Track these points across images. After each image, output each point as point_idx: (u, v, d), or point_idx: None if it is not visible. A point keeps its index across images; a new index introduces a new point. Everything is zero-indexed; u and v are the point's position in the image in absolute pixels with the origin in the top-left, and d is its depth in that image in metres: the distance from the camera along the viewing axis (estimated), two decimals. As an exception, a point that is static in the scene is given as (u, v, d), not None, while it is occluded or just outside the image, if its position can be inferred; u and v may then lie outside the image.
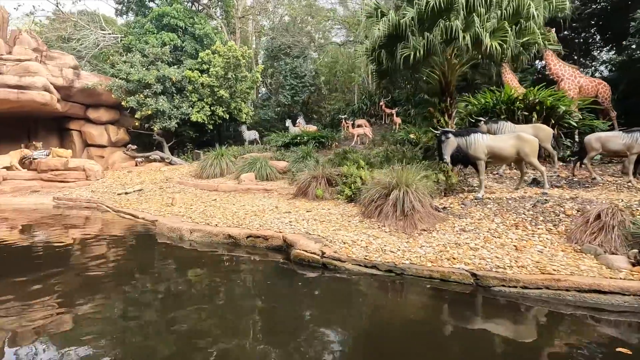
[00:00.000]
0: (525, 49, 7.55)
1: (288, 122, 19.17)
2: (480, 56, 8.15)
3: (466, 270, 3.66)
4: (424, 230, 5.05)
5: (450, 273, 3.67)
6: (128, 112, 16.80)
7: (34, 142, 14.94)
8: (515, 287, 3.38)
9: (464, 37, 6.62)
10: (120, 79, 15.14)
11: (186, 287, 4.09)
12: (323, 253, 4.31)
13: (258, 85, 18.72)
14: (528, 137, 6.40)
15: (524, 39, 7.38)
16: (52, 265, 4.85)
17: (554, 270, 3.53)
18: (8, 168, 13.09)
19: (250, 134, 19.08)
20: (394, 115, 16.41)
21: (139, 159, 16.17)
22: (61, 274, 4.49)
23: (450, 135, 6.52)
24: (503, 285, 3.43)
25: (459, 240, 4.58)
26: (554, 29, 10.17)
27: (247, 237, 5.22)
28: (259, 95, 24.48)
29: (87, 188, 12.59)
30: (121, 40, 17.20)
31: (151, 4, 20.77)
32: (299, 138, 15.93)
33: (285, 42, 22.38)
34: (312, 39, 24.28)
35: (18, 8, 25.09)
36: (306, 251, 4.39)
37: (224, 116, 16.98)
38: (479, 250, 4.18)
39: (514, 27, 6.80)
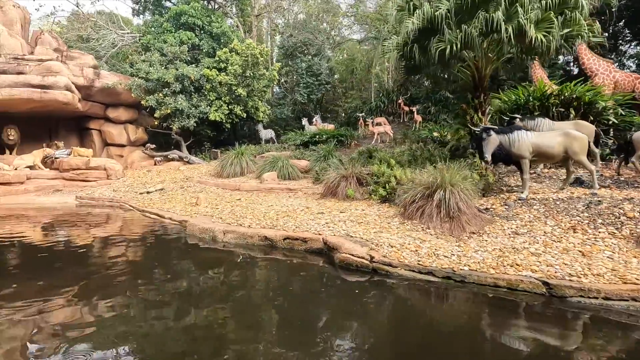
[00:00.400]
0: (567, 42, 7.14)
1: (304, 121, 18.98)
2: (519, 49, 7.78)
3: (536, 279, 3.37)
4: (473, 233, 4.75)
5: (518, 281, 3.38)
6: (147, 112, 16.82)
7: (55, 142, 15.05)
8: (597, 298, 3.08)
9: (506, 29, 6.27)
10: (139, 77, 15.11)
11: (227, 291, 3.89)
12: (372, 257, 4.06)
13: (275, 83, 18.52)
14: (577, 134, 6.03)
15: (566, 31, 6.97)
16: (85, 266, 4.71)
17: (637, 279, 3.21)
18: (31, 167, 13.17)
19: (266, 133, 18.95)
20: (415, 113, 16.04)
21: (158, 158, 16.15)
22: (95, 274, 4.34)
23: (492, 132, 6.19)
24: (581, 296, 3.13)
25: (515, 244, 4.27)
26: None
27: (284, 239, 5.00)
28: (274, 94, 24.32)
29: (109, 187, 12.58)
30: (140, 40, 17.19)
31: (168, 4, 20.80)
32: (317, 137, 15.70)
33: (302, 39, 22.16)
34: (328, 37, 24.01)
35: (39, 9, 25.30)
36: (353, 255, 4.14)
37: (242, 115, 16.84)
38: (541, 256, 3.87)
39: (558, 17, 6.42)
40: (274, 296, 3.70)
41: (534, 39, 6.20)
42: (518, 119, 8.15)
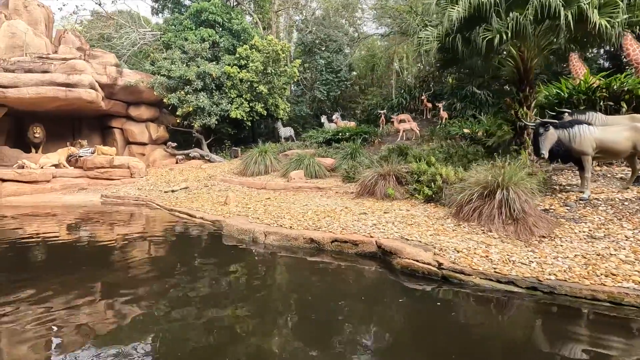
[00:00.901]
0: (628, 28, 6.60)
1: (323, 119, 18.66)
2: (568, 38, 7.24)
3: (645, 292, 2.95)
4: (543, 237, 4.32)
5: (621, 294, 2.96)
6: (168, 110, 16.72)
7: (79, 140, 15.08)
8: None
9: (565, 15, 5.78)
10: (161, 75, 15.00)
11: (282, 298, 3.57)
12: (440, 264, 3.68)
13: (295, 80, 18.21)
14: (648, 128, 5.51)
15: (626, 16, 6.43)
16: (123, 269, 4.47)
17: None
18: (56, 166, 13.17)
19: (285, 131, 18.68)
20: (440, 109, 15.49)
21: (180, 157, 16.03)
22: (135, 277, 4.09)
23: (549, 127, 5.72)
24: None
25: (597, 250, 3.83)
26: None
27: (332, 242, 4.66)
28: (292, 91, 24.03)
29: (133, 186, 12.48)
30: (161, 38, 17.09)
31: (187, 2, 20.67)
32: (340, 134, 15.36)
33: (321, 36, 21.79)
34: (346, 33, 23.57)
35: (62, 8, 25.61)
36: (417, 261, 3.77)
37: (262, 113, 16.58)
38: (636, 265, 3.43)
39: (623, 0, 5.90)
40: (336, 307, 3.35)
41: (597, 25, 5.70)
42: (567, 114, 7.62)
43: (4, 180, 11.34)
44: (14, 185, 11.23)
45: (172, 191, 11.13)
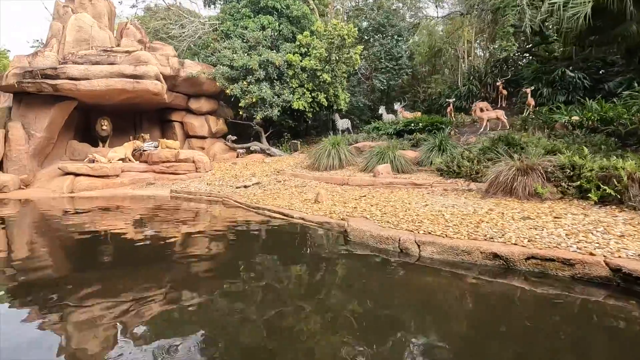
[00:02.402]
0: None
1: (381, 109, 17.35)
2: None
3: None
4: None
5: None
6: (231, 101, 16.11)
7: (142, 134, 14.82)
8: None
9: None
10: (223, 65, 14.35)
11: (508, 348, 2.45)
12: None
13: (356, 68, 16.97)
14: None
15: None
16: (243, 294, 3.55)
17: None
18: (122, 160, 12.91)
19: (342, 123, 17.57)
20: (528, 95, 13.64)
21: (241, 151, 15.41)
22: (265, 303, 3.14)
23: None
24: None
25: None
26: None
27: (528, 259, 3.46)
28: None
29: (200, 180, 11.91)
30: (219, 27, 16.49)
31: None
32: (412, 125, 14.02)
33: (380, 20, 20.38)
34: (402, 18, 21.96)
35: (122, 1, 25.96)
36: None
37: (325, 103, 15.55)
38: None
39: None
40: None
41: None
42: None
43: (77, 175, 11.14)
44: (87, 180, 10.99)
45: (245, 187, 10.38)
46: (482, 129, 12.98)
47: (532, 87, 13.78)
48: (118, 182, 11.50)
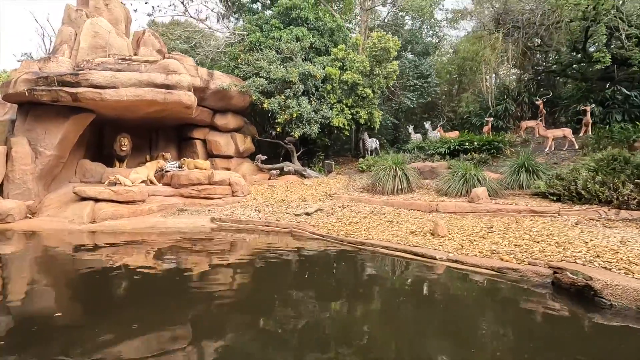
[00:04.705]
0: None
1: (410, 129, 16.46)
2: None
3: None
4: None
5: None
6: (256, 118, 14.63)
7: (162, 153, 13.03)
8: None
9: None
10: (260, 77, 12.94)
11: None
12: None
13: (391, 84, 15.91)
14: None
15: None
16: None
17: None
18: (143, 182, 11.08)
19: (372, 142, 16.49)
20: (588, 113, 12.78)
21: (274, 172, 13.78)
22: None
23: None
24: None
25: None
26: None
27: None
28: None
29: (242, 206, 10.17)
30: (247, 37, 15.19)
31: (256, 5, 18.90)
32: (467, 144, 12.94)
33: (407, 37, 19.68)
34: (430, 34, 21.42)
35: (137, 10, 24.40)
36: None
37: (366, 120, 14.31)
38: None
39: None
40: None
41: None
42: None
43: (97, 200, 9.23)
44: (111, 207, 9.08)
45: (307, 214, 8.76)
46: (547, 149, 11.95)
47: (593, 106, 12.96)
48: (146, 209, 9.63)
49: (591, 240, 4.66)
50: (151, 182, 11.33)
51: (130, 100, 9.99)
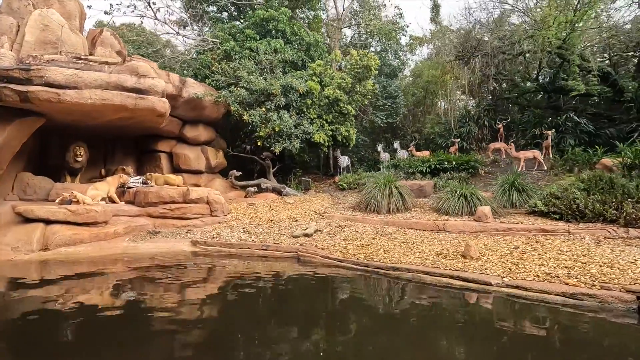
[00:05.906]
0: None
1: (379, 148, 16.78)
2: None
3: None
4: None
5: None
6: (229, 130, 13.62)
7: (123, 167, 11.38)
8: None
9: None
10: (240, 87, 12.04)
11: None
12: None
13: (366, 102, 15.95)
14: None
15: None
16: None
17: None
18: (103, 200, 9.47)
19: (344, 160, 16.37)
20: (549, 137, 13.83)
21: (252, 189, 12.74)
22: None
23: None
24: None
25: None
26: None
27: None
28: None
29: (226, 227, 9.10)
30: (221, 46, 14.25)
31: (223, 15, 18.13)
32: (446, 163, 13.28)
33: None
34: (396, 57, 22.20)
35: (91, 6, 21.69)
36: None
37: (346, 136, 14.05)
38: None
39: None
40: None
41: None
42: None
43: (49, 222, 7.54)
44: (68, 230, 7.46)
45: (306, 235, 8.02)
46: (519, 169, 12.60)
47: (553, 130, 14.07)
48: (111, 232, 8.10)
49: (635, 260, 4.65)
50: (112, 200, 9.71)
51: (94, 104, 8.52)
